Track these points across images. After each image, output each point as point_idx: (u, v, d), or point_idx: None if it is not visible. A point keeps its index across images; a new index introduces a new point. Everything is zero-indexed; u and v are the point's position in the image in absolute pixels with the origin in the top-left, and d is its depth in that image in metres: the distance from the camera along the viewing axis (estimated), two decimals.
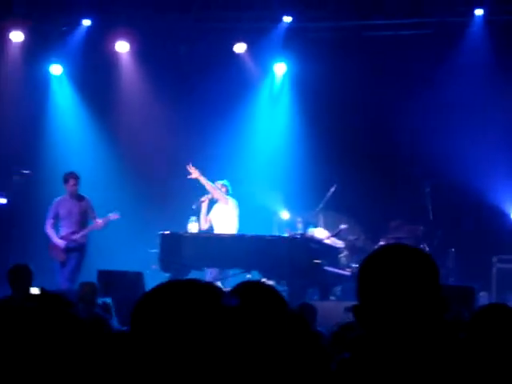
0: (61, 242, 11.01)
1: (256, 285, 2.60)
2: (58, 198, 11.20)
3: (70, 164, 12.74)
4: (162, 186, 13.75)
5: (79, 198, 11.18)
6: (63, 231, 11.12)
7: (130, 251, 12.31)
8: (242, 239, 11.03)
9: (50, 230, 11.13)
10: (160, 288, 1.62)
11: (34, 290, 7.35)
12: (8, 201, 13.04)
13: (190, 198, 12.65)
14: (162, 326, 1.53)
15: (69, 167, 12.09)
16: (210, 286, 1.63)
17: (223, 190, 11.48)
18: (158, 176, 13.79)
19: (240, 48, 13.59)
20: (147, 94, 13.95)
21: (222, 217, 11.45)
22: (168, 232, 11.30)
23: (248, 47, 13.58)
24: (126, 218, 12.26)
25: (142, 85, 14.00)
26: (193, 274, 10.88)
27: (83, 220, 11.14)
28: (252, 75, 13.92)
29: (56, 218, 11.14)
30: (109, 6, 13.16)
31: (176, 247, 11.11)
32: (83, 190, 11.43)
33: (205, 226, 11.46)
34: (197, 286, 1.62)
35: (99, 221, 11.11)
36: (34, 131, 13.83)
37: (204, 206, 11.46)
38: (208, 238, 11.34)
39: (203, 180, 11.27)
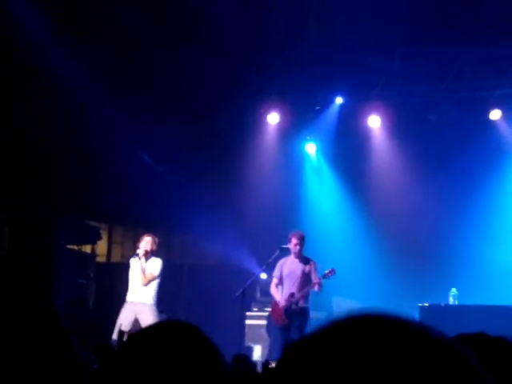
0: (281, 302, 10.33)
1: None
2: (284, 258, 10.55)
3: (322, 238, 12.93)
4: (414, 260, 13.50)
5: (304, 260, 10.41)
6: (284, 292, 10.43)
7: None
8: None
9: (273, 290, 10.56)
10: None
11: None
12: (267, 276, 13.40)
13: (443, 271, 12.36)
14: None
15: (320, 241, 12.16)
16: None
17: None
18: (412, 249, 13.58)
19: (495, 115, 13.23)
20: (398, 166, 13.95)
21: None
22: (427, 304, 11.00)
23: (503, 114, 13.19)
24: (379, 289, 12.15)
25: (394, 158, 14.04)
26: None
27: (305, 283, 10.28)
28: (508, 142, 13.45)
29: (280, 278, 10.47)
30: (360, 82, 13.46)
31: (436, 320, 10.76)
32: (339, 261, 11.37)
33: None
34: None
35: (315, 280, 10.16)
36: (291, 207, 14.28)
37: None
38: (471, 309, 10.88)
39: None
